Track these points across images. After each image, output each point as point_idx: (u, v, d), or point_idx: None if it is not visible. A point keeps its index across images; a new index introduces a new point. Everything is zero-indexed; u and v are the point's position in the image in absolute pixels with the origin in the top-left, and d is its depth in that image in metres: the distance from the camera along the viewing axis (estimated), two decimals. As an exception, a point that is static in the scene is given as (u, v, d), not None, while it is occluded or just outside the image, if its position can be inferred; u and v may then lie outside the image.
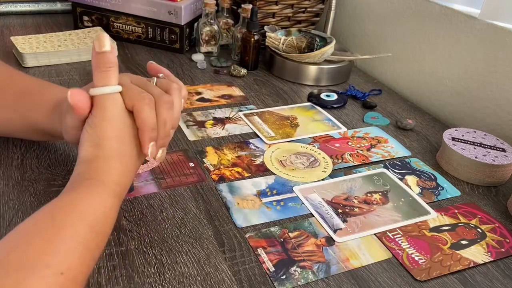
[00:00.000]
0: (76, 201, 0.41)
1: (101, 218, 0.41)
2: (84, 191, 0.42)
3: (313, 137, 0.75)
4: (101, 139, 0.45)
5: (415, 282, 0.49)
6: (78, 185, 0.43)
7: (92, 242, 0.39)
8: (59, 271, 0.35)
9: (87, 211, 0.41)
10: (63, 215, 0.39)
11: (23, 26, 1.06)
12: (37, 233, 0.37)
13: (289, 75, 0.94)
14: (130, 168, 0.47)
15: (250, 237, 0.53)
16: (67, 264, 0.36)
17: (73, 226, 0.39)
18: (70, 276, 0.36)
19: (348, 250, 0.52)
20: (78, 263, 0.37)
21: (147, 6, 0.98)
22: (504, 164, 0.65)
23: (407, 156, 0.72)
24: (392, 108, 0.88)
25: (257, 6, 0.94)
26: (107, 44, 0.46)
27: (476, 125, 0.82)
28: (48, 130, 0.55)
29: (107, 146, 0.45)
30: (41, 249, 0.36)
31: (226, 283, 0.47)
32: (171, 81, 0.51)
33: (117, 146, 0.45)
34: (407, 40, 0.95)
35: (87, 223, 0.40)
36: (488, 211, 0.62)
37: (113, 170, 0.45)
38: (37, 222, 0.39)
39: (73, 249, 0.37)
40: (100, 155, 0.45)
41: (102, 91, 0.45)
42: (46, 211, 0.40)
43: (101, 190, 0.43)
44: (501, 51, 0.76)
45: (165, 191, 0.59)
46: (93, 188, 0.43)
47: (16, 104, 0.56)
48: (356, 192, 0.62)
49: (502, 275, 0.52)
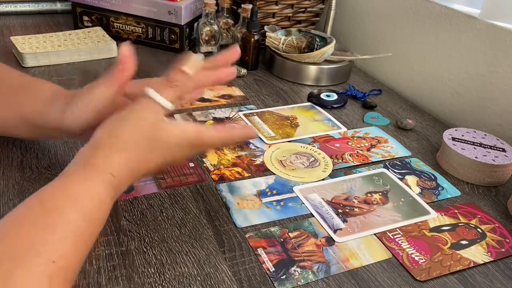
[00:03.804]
0: (69, 185, 0.40)
1: (95, 205, 0.40)
2: (80, 175, 0.42)
3: (313, 137, 0.75)
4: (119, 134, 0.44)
5: (415, 282, 0.49)
6: (75, 169, 0.42)
7: (85, 230, 0.39)
8: (50, 260, 0.35)
9: (80, 197, 0.40)
10: (54, 201, 0.39)
11: (23, 26, 1.06)
12: (27, 220, 0.37)
13: (289, 75, 0.94)
14: (135, 170, 0.46)
15: (250, 237, 0.53)
16: (59, 252, 0.36)
17: (64, 213, 0.38)
18: (62, 264, 0.36)
19: (348, 250, 0.52)
20: (70, 251, 0.37)
21: (147, 6, 0.98)
22: (504, 164, 0.65)
23: (407, 156, 0.72)
24: (392, 108, 0.88)
25: (257, 6, 0.94)
26: (193, 70, 0.47)
27: (476, 125, 0.82)
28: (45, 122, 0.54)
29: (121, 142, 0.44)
30: (31, 238, 0.35)
31: (226, 283, 0.47)
32: None
33: (131, 147, 0.45)
34: (407, 40, 0.95)
35: (79, 209, 0.39)
36: (488, 211, 0.62)
37: (115, 163, 0.44)
38: (27, 209, 0.38)
39: (64, 237, 0.37)
40: (110, 145, 0.44)
41: (155, 97, 0.46)
42: (37, 198, 0.39)
43: (98, 178, 0.42)
44: (501, 51, 0.76)
45: (165, 191, 0.59)
46: (89, 175, 0.42)
47: (12, 99, 0.55)
48: (356, 192, 0.62)
49: (502, 275, 0.52)
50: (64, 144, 0.65)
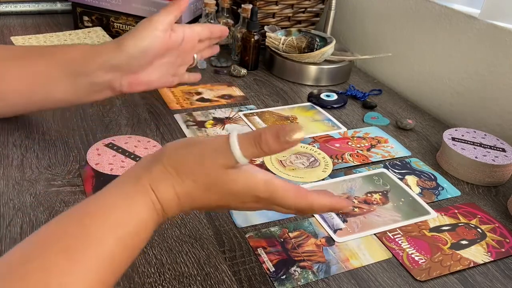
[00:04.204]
0: (110, 208, 0.37)
1: (134, 230, 0.37)
2: (128, 195, 0.38)
3: (313, 137, 0.75)
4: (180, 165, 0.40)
5: (415, 282, 0.49)
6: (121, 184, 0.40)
7: (118, 256, 0.36)
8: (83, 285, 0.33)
9: (121, 221, 0.37)
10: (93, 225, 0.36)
11: (23, 26, 1.06)
12: (58, 243, 0.34)
13: (289, 75, 0.94)
14: (185, 204, 0.41)
15: (250, 237, 0.53)
16: (85, 284, 0.34)
17: (101, 239, 0.35)
18: None
19: (348, 250, 0.52)
20: (96, 281, 0.34)
21: (147, 6, 0.98)
22: (504, 164, 0.65)
23: (407, 156, 0.72)
24: (392, 108, 0.88)
25: (257, 6, 0.94)
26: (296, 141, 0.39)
27: (476, 125, 0.82)
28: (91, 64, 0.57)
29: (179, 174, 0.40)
30: (59, 265, 0.33)
31: (226, 283, 0.47)
32: None
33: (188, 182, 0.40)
34: (407, 40, 0.95)
35: (118, 236, 0.36)
36: (488, 211, 0.62)
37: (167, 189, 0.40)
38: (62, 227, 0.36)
39: (95, 268, 0.34)
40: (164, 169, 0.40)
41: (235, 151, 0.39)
42: (79, 214, 0.37)
43: (142, 197, 0.39)
44: (501, 51, 0.76)
45: (165, 191, 0.59)
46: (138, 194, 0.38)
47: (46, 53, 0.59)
48: (356, 192, 0.62)
49: (502, 275, 0.52)
50: (64, 144, 0.65)
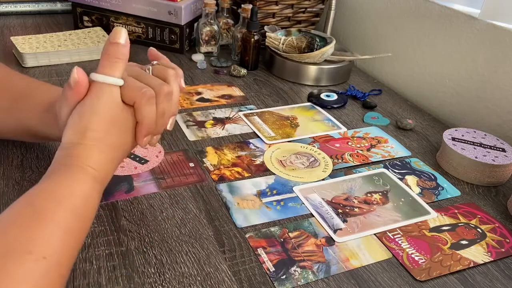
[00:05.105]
0: (54, 186, 0.41)
1: (81, 202, 0.41)
2: (62, 176, 0.42)
3: (313, 137, 0.75)
4: (86, 130, 0.44)
5: (415, 282, 0.49)
6: (56, 170, 0.43)
7: (74, 226, 0.40)
8: (41, 256, 0.35)
9: (66, 196, 0.40)
10: (41, 202, 0.39)
11: (23, 26, 1.06)
12: (16, 221, 0.37)
13: (289, 75, 0.94)
14: (114, 157, 0.46)
15: (250, 237, 0.53)
16: (50, 249, 0.36)
17: (52, 212, 0.39)
18: (53, 260, 0.36)
19: (348, 250, 0.52)
20: (61, 247, 0.37)
21: (147, 6, 0.98)
22: (504, 164, 0.65)
23: (407, 156, 0.72)
24: (392, 108, 0.88)
25: (257, 6, 0.94)
26: (123, 37, 0.47)
27: (476, 125, 0.82)
28: (42, 133, 0.55)
29: (90, 136, 0.44)
30: (21, 236, 0.36)
31: (226, 283, 0.47)
32: (167, 67, 0.51)
33: (101, 137, 0.45)
34: (407, 40, 0.95)
35: (67, 208, 0.40)
36: (488, 211, 0.62)
37: (92, 157, 0.44)
38: (16, 210, 0.39)
39: (54, 234, 0.37)
40: (81, 143, 0.44)
41: (104, 79, 0.45)
42: (25, 199, 0.40)
43: (79, 175, 0.42)
44: (501, 51, 0.76)
45: (165, 191, 0.59)
46: (71, 174, 0.42)
47: (11, 107, 0.55)
48: (356, 192, 0.62)
49: (502, 275, 0.52)
50: (64, 144, 0.65)
